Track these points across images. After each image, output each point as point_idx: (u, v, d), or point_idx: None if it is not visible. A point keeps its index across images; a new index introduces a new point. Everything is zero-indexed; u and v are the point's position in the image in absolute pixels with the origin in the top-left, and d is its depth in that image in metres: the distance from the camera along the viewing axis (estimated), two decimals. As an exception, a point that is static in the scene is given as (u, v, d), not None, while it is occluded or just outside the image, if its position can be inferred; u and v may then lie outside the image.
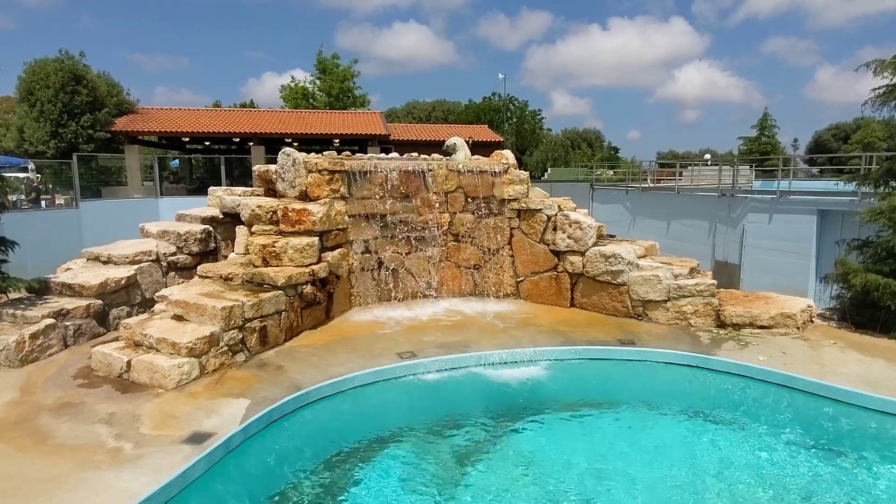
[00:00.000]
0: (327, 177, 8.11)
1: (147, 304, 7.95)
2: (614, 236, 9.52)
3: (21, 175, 20.62)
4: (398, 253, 8.80)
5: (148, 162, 25.01)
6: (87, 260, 8.39)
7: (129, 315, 7.68)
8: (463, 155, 9.78)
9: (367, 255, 8.59)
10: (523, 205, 9.17)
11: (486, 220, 9.22)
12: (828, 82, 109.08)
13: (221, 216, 9.33)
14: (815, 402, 5.82)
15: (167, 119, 26.62)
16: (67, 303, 7.16)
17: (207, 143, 30.43)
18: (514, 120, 50.53)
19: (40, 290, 7.54)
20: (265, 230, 7.80)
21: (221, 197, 9.39)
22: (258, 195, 8.98)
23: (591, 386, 6.62)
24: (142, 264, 8.27)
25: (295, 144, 24.88)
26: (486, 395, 6.19)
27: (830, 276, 8.23)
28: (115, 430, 4.77)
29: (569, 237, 8.64)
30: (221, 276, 7.28)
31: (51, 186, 21.16)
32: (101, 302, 7.46)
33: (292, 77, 40.30)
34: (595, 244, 8.50)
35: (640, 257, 8.28)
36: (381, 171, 8.51)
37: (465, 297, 9.18)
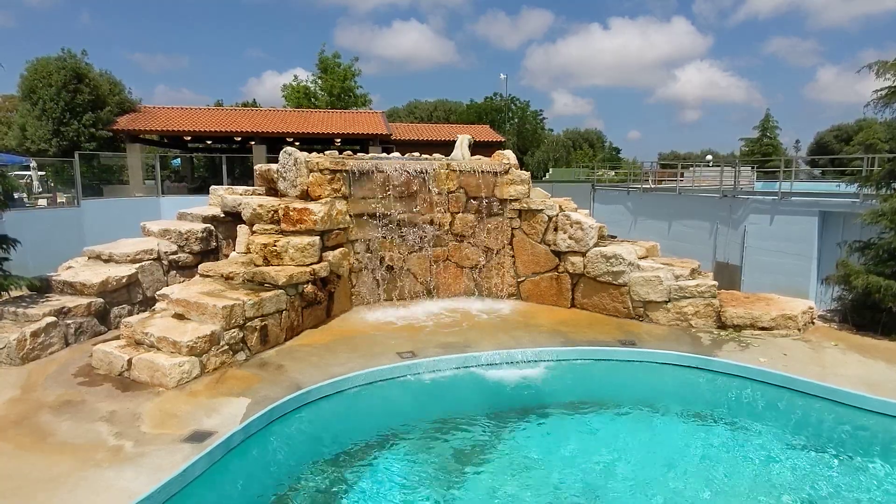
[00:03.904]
0: (328, 176, 8.11)
1: (148, 303, 7.96)
2: (615, 237, 9.50)
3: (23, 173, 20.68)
4: (399, 252, 8.79)
5: (149, 161, 25.04)
6: (89, 258, 8.39)
7: (130, 314, 7.68)
8: (461, 154, 9.78)
9: (368, 254, 8.59)
10: (524, 205, 9.16)
11: (487, 221, 9.22)
12: (829, 83, 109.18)
13: (223, 215, 9.33)
14: (816, 403, 5.81)
15: (169, 118, 26.64)
16: (69, 301, 7.17)
17: (209, 143, 30.45)
18: (516, 120, 50.53)
19: (42, 288, 7.55)
20: (266, 229, 7.81)
21: (223, 196, 9.39)
22: (259, 194, 8.98)
23: (592, 386, 6.61)
24: (143, 263, 8.27)
25: (296, 144, 24.89)
26: (486, 395, 6.19)
27: (831, 277, 8.22)
28: (116, 429, 4.77)
29: (570, 238, 8.64)
30: (222, 275, 7.29)
31: (52, 185, 21.19)
32: (102, 300, 7.47)
33: (294, 76, 40.33)
34: (596, 245, 8.49)
35: (641, 258, 8.28)
36: (382, 171, 8.51)
37: (465, 297, 9.18)
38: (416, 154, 9.99)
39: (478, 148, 11.01)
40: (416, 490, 4.45)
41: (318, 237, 7.67)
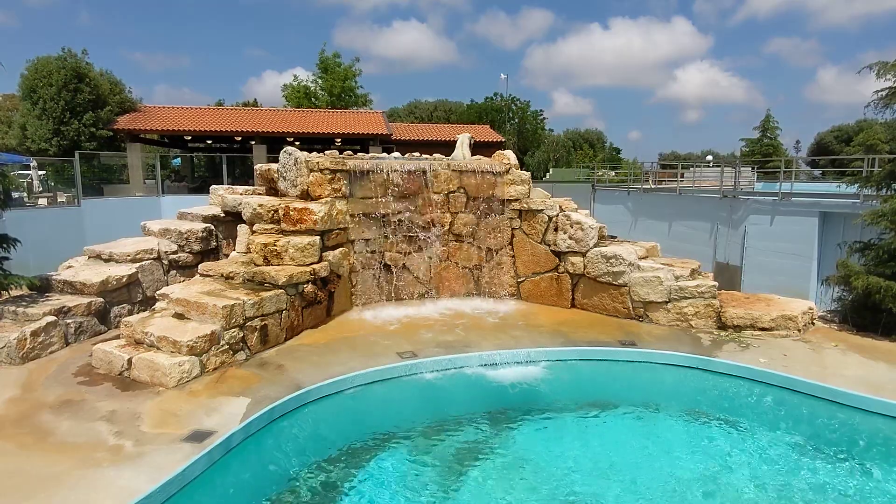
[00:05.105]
0: (329, 176, 8.12)
1: (148, 303, 7.96)
2: (616, 237, 9.50)
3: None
4: (399, 252, 8.79)
5: (150, 160, 25.05)
6: (89, 258, 8.39)
7: (131, 313, 7.68)
8: (461, 154, 9.77)
9: (368, 254, 8.59)
10: (525, 205, 9.16)
11: (488, 221, 9.22)
12: (830, 83, 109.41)
13: (223, 215, 9.34)
14: (817, 404, 5.80)
15: (169, 118, 26.65)
16: (69, 300, 7.17)
17: (209, 142, 30.47)
18: (516, 120, 50.53)
19: (42, 287, 7.55)
20: (266, 229, 7.81)
21: (223, 195, 9.39)
22: (260, 194, 8.99)
23: (592, 387, 6.61)
24: (143, 262, 8.27)
25: (297, 144, 24.91)
26: (486, 395, 6.18)
27: (832, 278, 8.21)
28: (116, 428, 4.77)
29: (570, 238, 8.63)
30: (222, 275, 7.29)
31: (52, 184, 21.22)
32: (102, 300, 7.47)
33: (294, 76, 40.35)
34: (596, 245, 8.49)
35: (641, 258, 8.27)
36: (382, 171, 8.51)
37: (465, 296, 9.18)
38: (417, 154, 9.99)
39: (478, 148, 11.02)
40: (416, 490, 4.45)
41: (319, 237, 7.67)
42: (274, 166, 8.69)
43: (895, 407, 5.45)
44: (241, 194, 9.25)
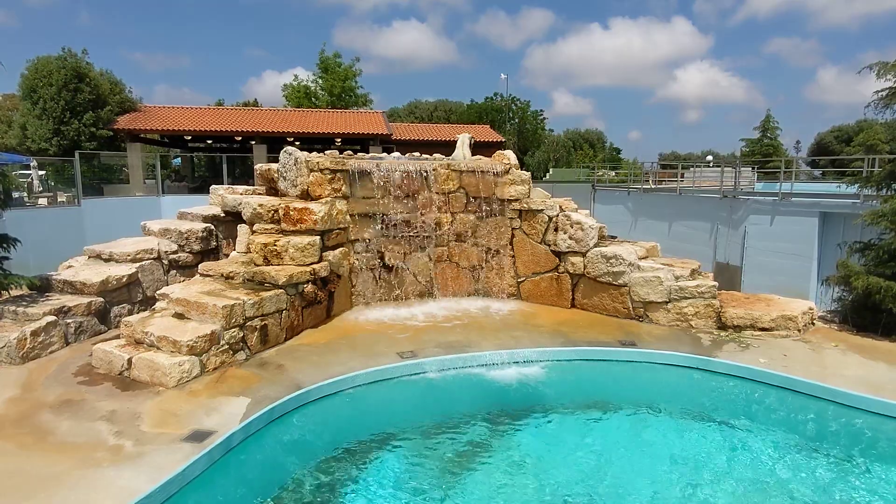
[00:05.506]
0: (329, 176, 8.12)
1: (148, 302, 7.96)
2: (616, 237, 9.50)
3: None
4: (399, 252, 8.79)
5: (150, 160, 25.04)
6: (89, 258, 8.39)
7: (131, 313, 7.68)
8: (462, 154, 9.77)
9: (369, 254, 8.59)
10: (525, 205, 9.16)
11: (488, 221, 9.22)
12: (830, 83, 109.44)
13: (223, 215, 9.34)
14: (817, 404, 5.80)
15: (169, 117, 26.66)
16: (69, 300, 7.17)
17: (209, 142, 30.48)
18: (516, 120, 50.53)
19: (42, 287, 7.55)
20: (266, 229, 7.81)
21: (223, 195, 9.39)
22: (260, 194, 8.99)
23: (592, 387, 6.61)
24: (143, 262, 8.27)
25: (297, 143, 24.91)
26: (486, 395, 6.19)
27: (832, 278, 8.22)
28: (116, 428, 4.77)
29: (570, 238, 8.63)
30: (222, 275, 7.29)
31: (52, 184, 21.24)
32: (102, 300, 7.47)
33: (295, 76, 40.35)
34: (596, 245, 8.49)
35: (641, 258, 8.27)
36: (382, 171, 8.51)
37: (465, 297, 9.18)
38: (417, 154, 9.99)
39: (478, 148, 11.02)
40: (416, 490, 4.45)
41: (319, 237, 7.67)
42: (274, 166, 8.69)
43: (895, 407, 5.45)
44: (241, 194, 9.26)
